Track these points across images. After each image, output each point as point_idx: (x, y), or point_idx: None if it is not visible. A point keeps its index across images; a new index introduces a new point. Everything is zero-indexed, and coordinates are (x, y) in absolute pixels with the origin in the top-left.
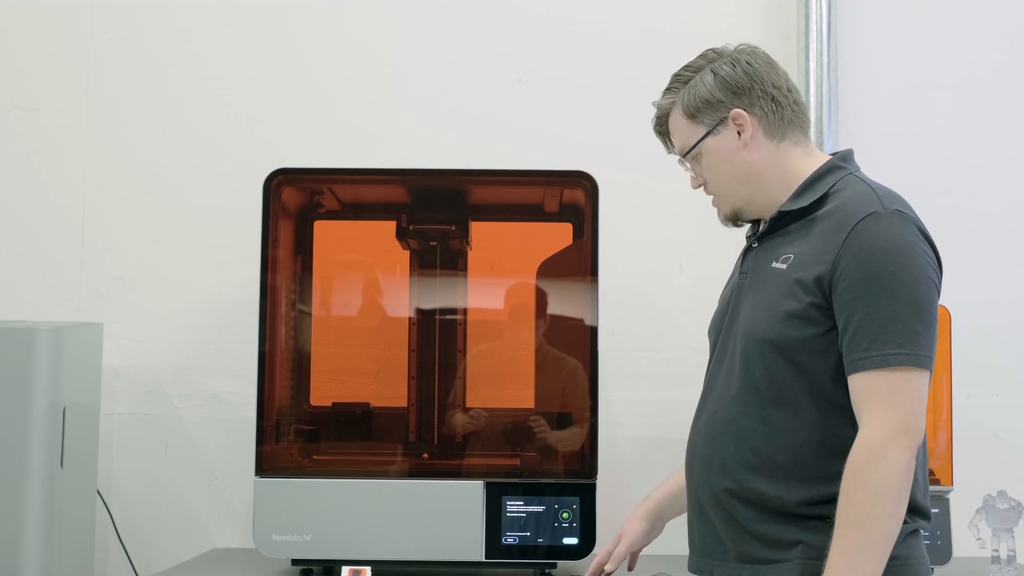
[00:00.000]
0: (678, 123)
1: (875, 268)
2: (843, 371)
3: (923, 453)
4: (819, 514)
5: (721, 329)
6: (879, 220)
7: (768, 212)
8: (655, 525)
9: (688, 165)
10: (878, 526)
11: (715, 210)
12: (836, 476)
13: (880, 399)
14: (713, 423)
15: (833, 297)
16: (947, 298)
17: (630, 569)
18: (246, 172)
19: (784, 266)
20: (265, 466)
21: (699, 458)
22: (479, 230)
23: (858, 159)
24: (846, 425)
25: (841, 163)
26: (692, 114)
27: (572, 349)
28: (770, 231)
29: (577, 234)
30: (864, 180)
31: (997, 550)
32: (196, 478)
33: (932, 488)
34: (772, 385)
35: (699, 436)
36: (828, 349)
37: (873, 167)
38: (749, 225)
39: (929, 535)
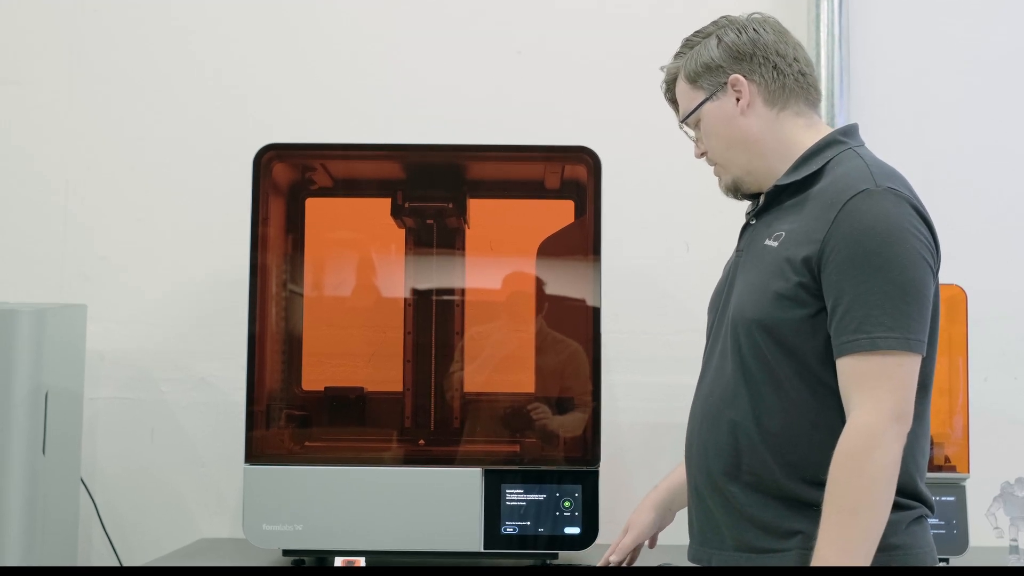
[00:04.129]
0: (682, 88)
1: (865, 248)
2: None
3: (923, 438)
4: (819, 501)
5: (718, 308)
6: (871, 197)
7: (768, 184)
8: (664, 515)
9: (692, 133)
10: (873, 514)
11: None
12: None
13: (871, 384)
14: (708, 406)
15: (822, 277)
16: (963, 280)
17: (630, 564)
18: (236, 148)
19: (775, 244)
20: (255, 453)
21: (696, 442)
22: (477, 208)
23: (870, 137)
24: (839, 408)
25: (842, 137)
26: (694, 79)
27: (574, 331)
28: (766, 206)
29: (579, 212)
30: (861, 156)
31: (1015, 539)
32: (183, 465)
33: (948, 475)
34: (763, 367)
35: (696, 419)
36: (817, 331)
37: (884, 146)
38: (751, 202)
39: (944, 524)
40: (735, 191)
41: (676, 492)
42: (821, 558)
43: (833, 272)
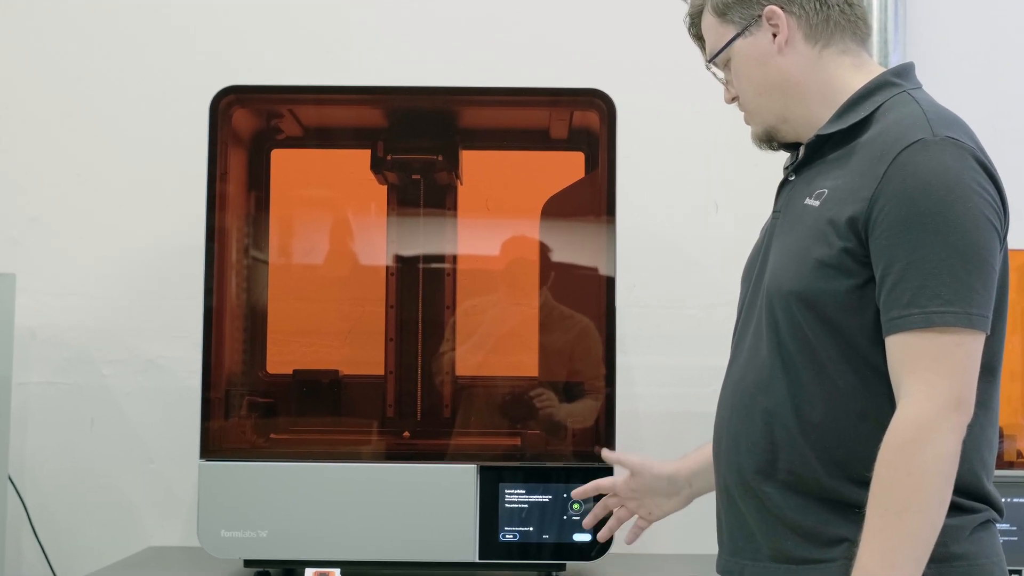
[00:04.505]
0: (708, 22)
1: (920, 207)
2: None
3: (990, 430)
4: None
5: (751, 279)
6: (927, 148)
7: (807, 134)
8: (682, 482)
9: (721, 74)
10: (924, 517)
11: None
12: None
13: (925, 366)
14: (740, 393)
15: (870, 242)
16: None
17: (629, 543)
18: (190, 92)
19: (817, 203)
20: (212, 447)
21: (726, 435)
22: (471, 161)
23: (928, 78)
24: (891, 395)
25: (895, 79)
26: (722, 11)
27: (584, 305)
28: (807, 160)
29: (590, 166)
30: (917, 100)
31: None
32: (128, 461)
33: (1020, 473)
34: (803, 347)
35: (725, 409)
36: (865, 305)
37: (945, 90)
38: (788, 155)
39: (1016, 530)
40: (768, 141)
41: (704, 471)
42: (862, 568)
43: (882, 236)
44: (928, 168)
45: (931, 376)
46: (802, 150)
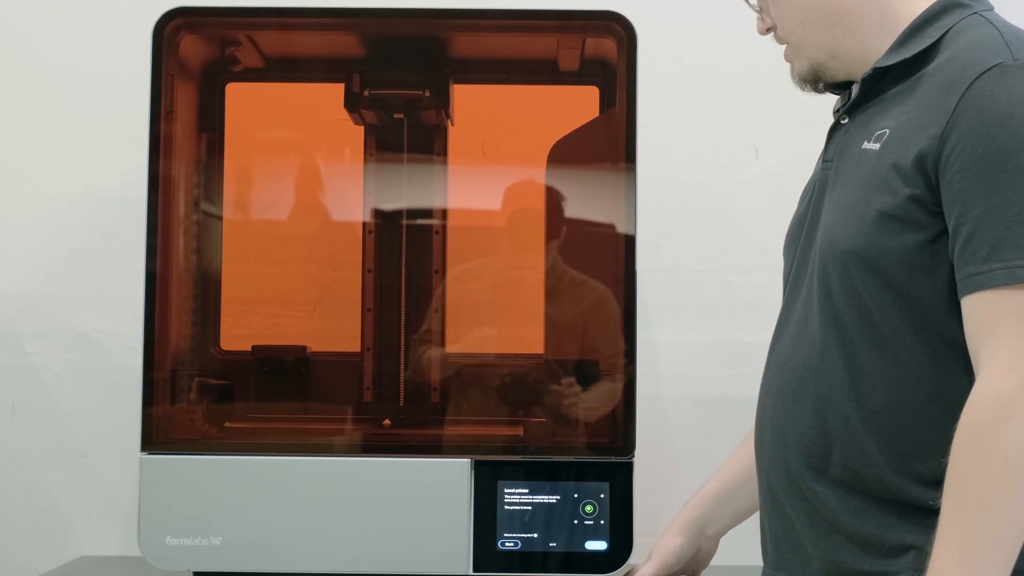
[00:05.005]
0: None
1: (999, 143)
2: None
3: None
4: (938, 507)
5: (799, 242)
6: (1006, 74)
7: (860, 71)
8: (695, 540)
9: (753, 0)
10: (1007, 514)
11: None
12: None
13: (1008, 331)
14: (786, 375)
15: (941, 187)
16: None
17: None
18: (130, 14)
19: (877, 146)
20: (155, 438)
21: (770, 426)
22: (465, 97)
23: (1001, 3)
24: (969, 372)
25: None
26: None
27: (599, 269)
28: (863, 98)
29: (606, 103)
30: (992, 22)
31: None
32: (56, 455)
33: None
34: (862, 317)
35: (770, 394)
36: (936, 264)
37: (1019, 14)
38: (838, 97)
39: None
40: (814, 81)
41: (713, 508)
42: (937, 572)
43: (956, 178)
44: (1008, 97)
45: (1016, 342)
46: (855, 87)
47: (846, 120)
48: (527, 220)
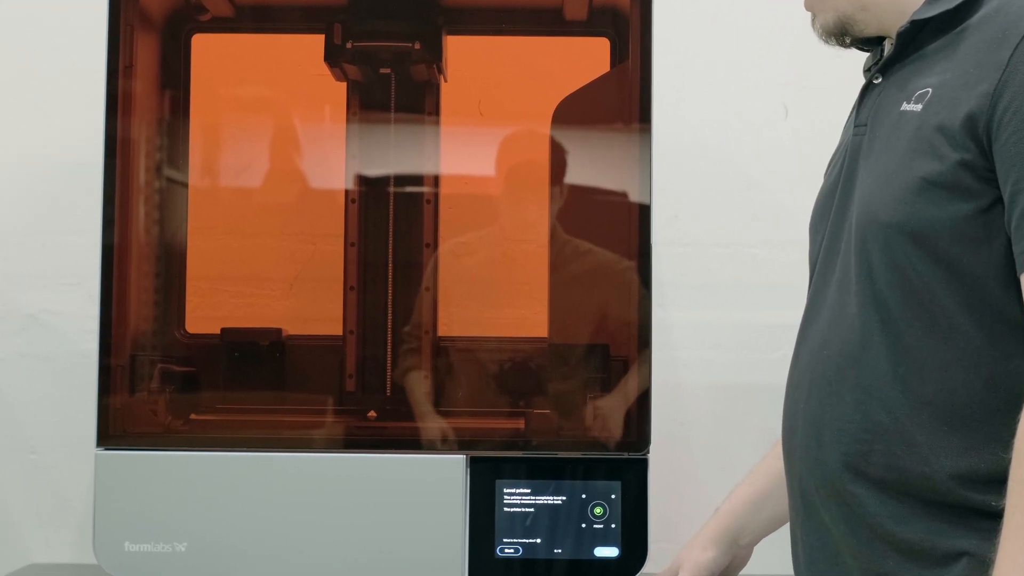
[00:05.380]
0: None
1: None
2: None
3: None
4: (994, 508)
5: (829, 216)
6: None
7: (894, 24)
8: (728, 552)
9: None
10: None
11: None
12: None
13: None
14: (820, 364)
15: (994, 150)
16: None
17: None
18: None
19: (919, 107)
20: (113, 431)
21: (802, 422)
22: (459, 49)
23: None
24: None
25: None
26: None
27: (610, 243)
28: (899, 55)
29: (618, 57)
30: None
31: None
32: (2, 451)
33: None
34: (909, 297)
35: (801, 386)
36: (992, 235)
37: None
38: (867, 55)
39: None
40: (839, 35)
41: (747, 516)
42: None
43: (1011, 140)
44: None
45: None
46: (889, 43)
47: (879, 80)
48: (529, 188)
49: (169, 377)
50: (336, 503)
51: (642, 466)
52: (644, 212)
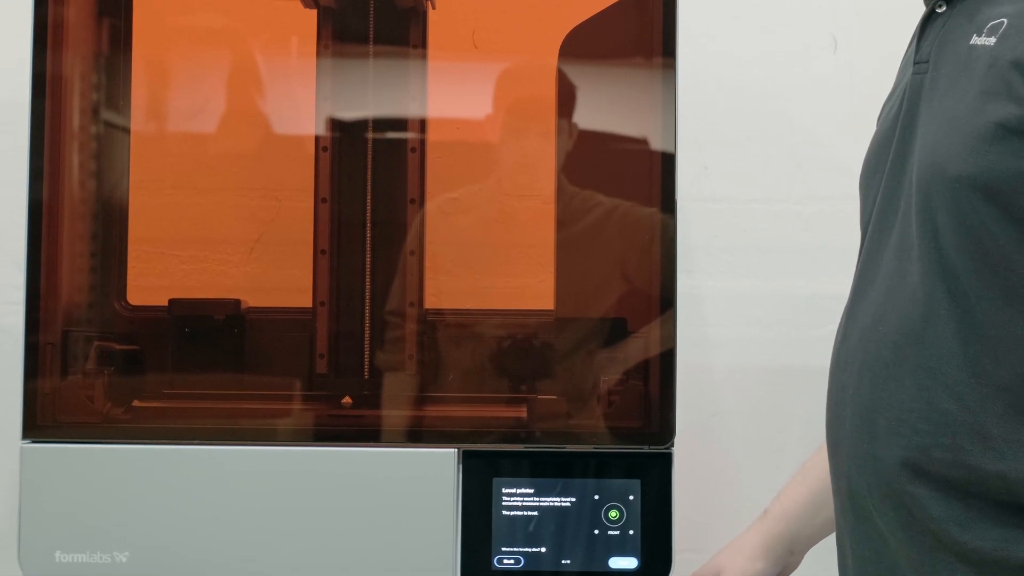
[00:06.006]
0: None
1: None
2: None
3: None
4: None
5: (883, 170)
6: None
7: None
8: (779, 562)
9: None
10: None
11: None
12: None
13: None
14: (875, 344)
15: None
16: None
17: None
18: None
19: (991, 40)
20: (41, 422)
21: (851, 412)
22: None
23: None
24: None
25: None
26: None
27: (627, 197)
28: None
29: None
30: None
31: None
32: None
33: None
34: (982, 264)
35: (850, 371)
36: None
37: None
38: None
39: None
40: None
41: (806, 516)
42: None
43: None
44: None
45: None
46: None
47: (943, 8)
48: (532, 133)
49: (108, 357)
50: (304, 505)
51: (666, 462)
52: (668, 162)
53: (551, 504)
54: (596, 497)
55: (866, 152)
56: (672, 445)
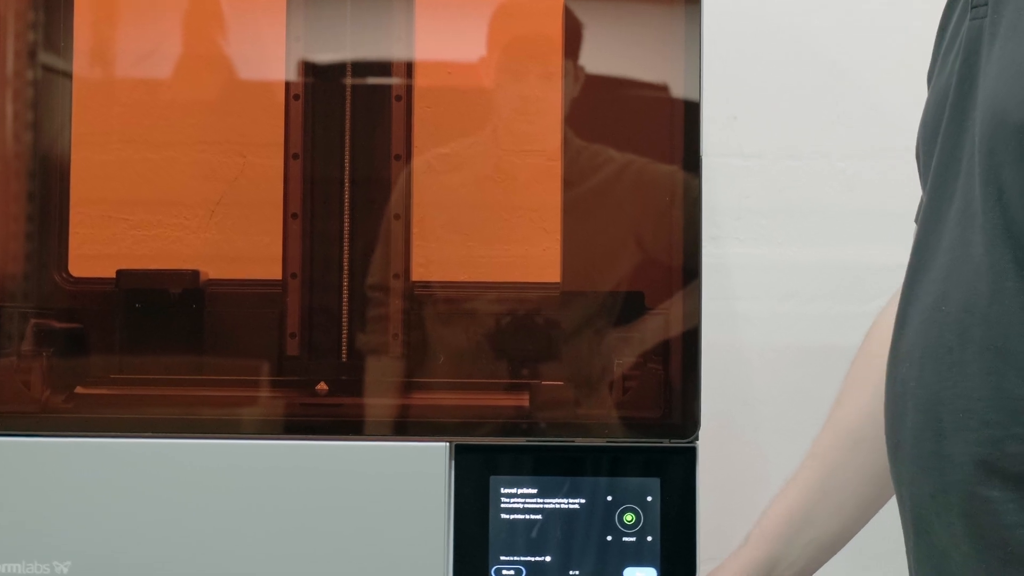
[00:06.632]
0: None
1: None
2: None
3: None
4: None
5: (940, 129)
6: None
7: None
8: None
9: None
10: None
11: None
12: None
13: None
14: (938, 327)
15: None
16: None
17: None
18: None
19: None
20: None
21: (913, 407)
22: None
23: None
24: None
25: None
26: None
27: (644, 153)
28: None
29: None
30: None
31: None
32: None
33: None
34: None
35: (911, 360)
36: None
37: None
38: None
39: None
40: None
41: (785, 538)
42: None
43: None
44: None
45: None
46: None
47: None
48: (534, 78)
49: (47, 336)
50: (272, 508)
51: (689, 458)
52: (691, 112)
53: (557, 506)
54: (609, 498)
55: (922, 116)
56: (696, 438)
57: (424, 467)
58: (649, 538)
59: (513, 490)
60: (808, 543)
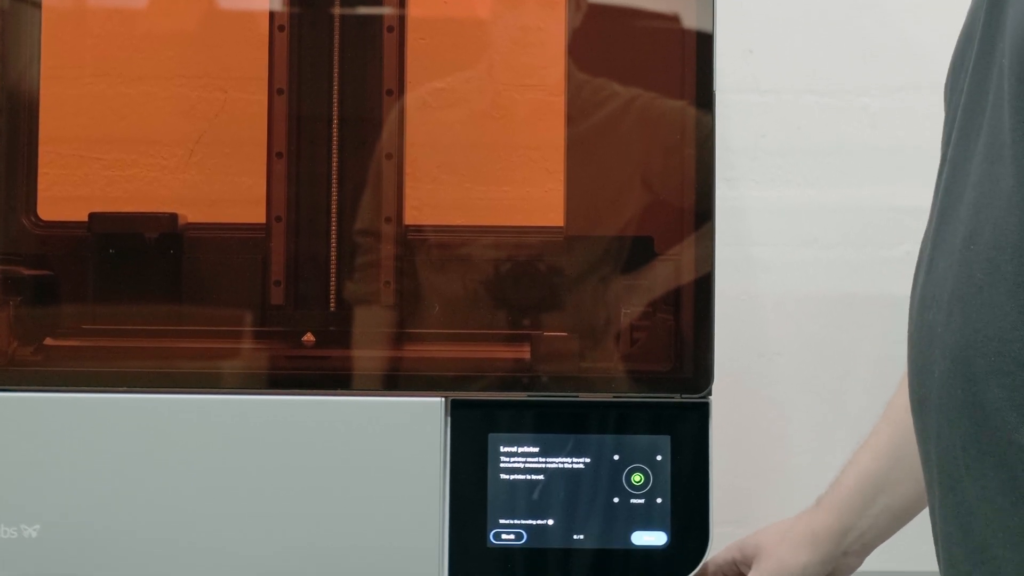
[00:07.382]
0: None
1: None
2: None
3: None
4: None
5: (968, 63)
6: None
7: None
8: (828, 559)
9: None
10: None
11: None
12: None
13: None
14: (968, 267)
15: None
16: None
17: None
18: None
19: None
20: None
21: (940, 352)
22: None
23: None
24: None
25: None
26: None
27: (653, 88)
28: None
29: None
30: None
31: None
32: None
33: None
34: None
35: (939, 304)
36: None
37: None
38: None
39: None
40: None
41: (862, 504)
42: None
43: None
44: None
45: None
46: None
47: None
48: (535, 7)
49: (14, 284)
50: (254, 467)
51: (702, 414)
52: (704, 44)
53: (560, 466)
54: (616, 457)
55: (952, 54)
56: (709, 393)
57: (418, 424)
58: (659, 500)
59: (513, 448)
60: (881, 511)
